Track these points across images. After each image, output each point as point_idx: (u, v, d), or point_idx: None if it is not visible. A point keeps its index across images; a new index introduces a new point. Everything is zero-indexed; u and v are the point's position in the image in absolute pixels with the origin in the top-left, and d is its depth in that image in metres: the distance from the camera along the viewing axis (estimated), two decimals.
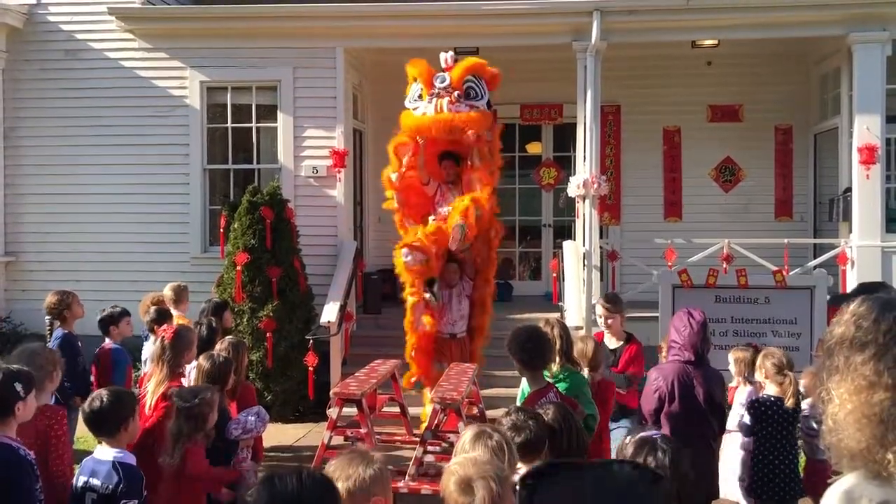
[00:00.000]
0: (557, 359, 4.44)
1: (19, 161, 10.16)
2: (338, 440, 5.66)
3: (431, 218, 7.51)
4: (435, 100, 7.09)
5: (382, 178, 7.80)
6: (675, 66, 10.99)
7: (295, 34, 9.79)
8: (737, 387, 5.82)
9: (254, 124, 10.11)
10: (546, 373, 4.37)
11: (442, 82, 7.14)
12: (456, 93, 7.06)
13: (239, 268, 8.60)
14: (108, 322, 6.04)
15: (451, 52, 7.55)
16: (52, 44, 10.10)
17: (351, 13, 9.74)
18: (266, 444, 7.67)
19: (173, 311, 6.89)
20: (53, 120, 10.04)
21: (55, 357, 4.14)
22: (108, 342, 6.06)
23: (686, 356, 4.34)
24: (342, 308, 8.82)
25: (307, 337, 8.39)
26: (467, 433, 2.60)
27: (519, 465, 2.74)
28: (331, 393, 5.36)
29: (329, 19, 9.77)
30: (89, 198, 9.98)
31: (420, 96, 7.28)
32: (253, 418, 4.47)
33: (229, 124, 10.12)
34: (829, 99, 10.59)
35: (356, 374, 5.64)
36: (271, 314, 8.56)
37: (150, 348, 6.28)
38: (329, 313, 8.64)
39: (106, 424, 3.36)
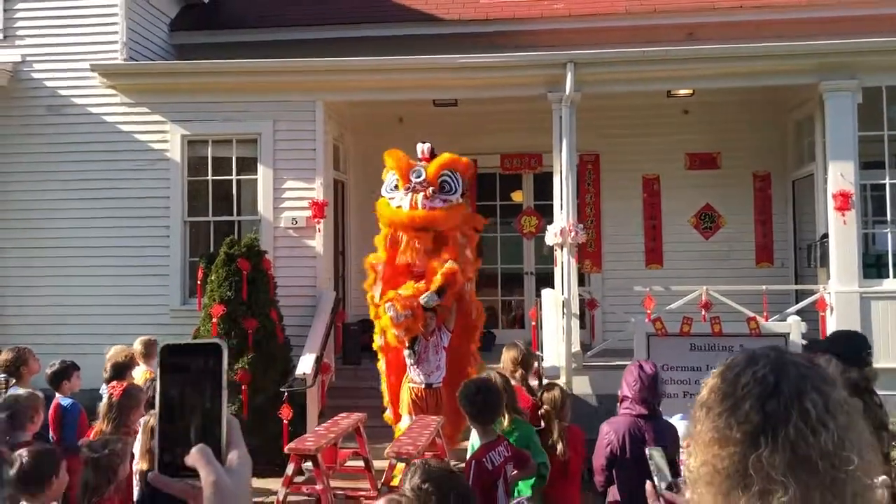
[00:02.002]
0: (506, 413, 4.42)
1: (3, 215, 10.22)
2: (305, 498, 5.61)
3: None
4: (411, 194, 7.33)
5: (365, 264, 8.16)
6: (653, 116, 11.12)
7: (275, 88, 9.93)
8: None
9: (234, 176, 10.20)
10: (497, 427, 4.35)
11: (418, 177, 7.41)
12: (431, 188, 7.33)
13: (215, 320, 8.59)
14: (62, 376, 5.99)
15: (427, 144, 7.82)
16: (36, 100, 10.25)
17: (329, 68, 9.90)
18: None
19: (143, 366, 6.89)
20: (36, 175, 10.13)
21: (37, 401, 4.40)
22: (58, 397, 6.01)
23: (637, 410, 4.32)
24: (318, 359, 8.78)
25: (281, 389, 8.34)
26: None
27: None
28: (285, 449, 5.32)
29: (308, 74, 9.92)
30: (71, 251, 10.02)
31: (396, 186, 7.51)
32: None
33: (210, 177, 10.20)
34: (804, 146, 10.68)
35: (316, 429, 5.60)
36: (247, 366, 8.52)
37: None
38: (305, 365, 8.60)
39: (27, 485, 3.33)
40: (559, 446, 4.89)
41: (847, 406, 1.32)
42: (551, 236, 9.50)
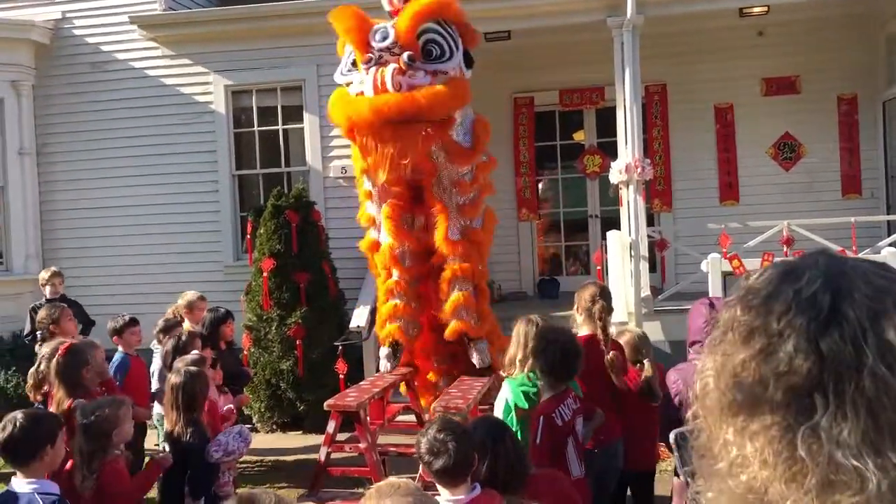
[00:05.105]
0: (530, 361, 3.82)
1: (52, 177, 10.12)
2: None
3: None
4: (374, 69, 4.65)
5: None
6: (724, 39, 10.25)
7: (317, 31, 9.36)
8: None
9: (280, 126, 9.84)
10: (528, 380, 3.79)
11: (383, 38, 4.72)
12: (406, 54, 4.63)
13: (265, 274, 8.32)
14: (112, 333, 5.91)
15: None
16: (79, 57, 10.03)
17: (373, 3, 9.33)
18: (293, 458, 7.39)
19: (187, 322, 6.68)
20: (82, 133, 9.97)
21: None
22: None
23: None
24: (373, 311, 8.43)
25: (336, 343, 8.03)
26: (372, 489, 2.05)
27: (442, 491, 2.28)
28: (325, 405, 4.97)
29: None
30: (121, 210, 9.86)
31: (354, 63, 4.92)
32: (234, 439, 4.11)
33: (256, 128, 9.87)
34: None
35: (360, 384, 5.24)
36: (300, 321, 8.25)
37: (157, 361, 6.12)
38: (359, 318, 8.27)
39: (19, 453, 3.02)
40: (654, 387, 4.17)
41: None
42: (616, 174, 8.85)
